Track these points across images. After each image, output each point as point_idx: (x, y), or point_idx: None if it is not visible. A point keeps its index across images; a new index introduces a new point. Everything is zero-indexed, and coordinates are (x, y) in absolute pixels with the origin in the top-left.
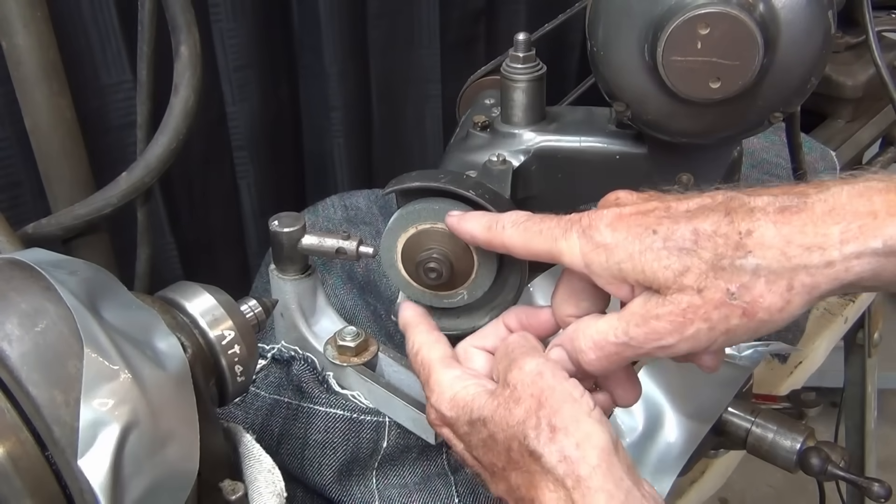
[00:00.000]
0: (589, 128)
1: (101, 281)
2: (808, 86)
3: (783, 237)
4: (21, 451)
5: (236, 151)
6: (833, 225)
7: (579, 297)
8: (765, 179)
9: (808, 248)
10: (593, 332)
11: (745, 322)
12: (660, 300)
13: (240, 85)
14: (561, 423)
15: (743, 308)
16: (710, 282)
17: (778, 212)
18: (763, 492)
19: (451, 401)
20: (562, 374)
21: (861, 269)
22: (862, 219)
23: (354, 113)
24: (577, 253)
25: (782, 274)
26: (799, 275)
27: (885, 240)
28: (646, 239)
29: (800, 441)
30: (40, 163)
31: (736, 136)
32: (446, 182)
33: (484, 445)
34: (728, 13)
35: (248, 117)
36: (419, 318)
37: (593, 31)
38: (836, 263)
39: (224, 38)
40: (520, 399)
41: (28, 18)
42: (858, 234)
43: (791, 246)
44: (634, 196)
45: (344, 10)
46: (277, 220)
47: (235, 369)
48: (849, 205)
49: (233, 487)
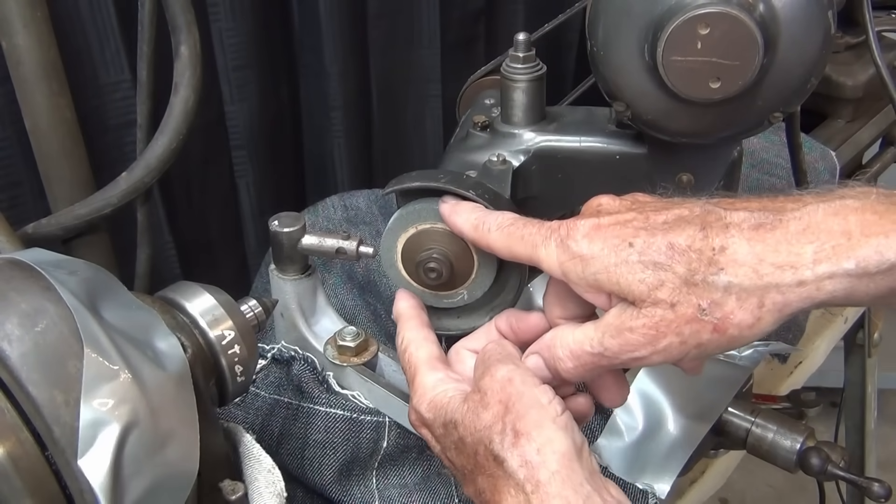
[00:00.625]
0: (589, 128)
1: (101, 281)
2: (808, 86)
3: (756, 255)
4: (21, 451)
5: (235, 151)
6: (807, 244)
7: (566, 301)
8: (765, 179)
9: (780, 267)
10: (570, 342)
11: (716, 337)
12: (634, 312)
13: (238, 85)
14: (524, 428)
15: (714, 324)
16: (682, 297)
17: (753, 228)
18: (763, 492)
19: (429, 402)
20: (532, 380)
21: (833, 288)
22: (836, 238)
23: (354, 113)
24: (554, 262)
25: (753, 291)
26: (770, 293)
27: (858, 261)
28: (622, 252)
29: (800, 441)
30: (40, 163)
31: (736, 136)
32: (446, 182)
33: (455, 448)
34: (728, 13)
35: (247, 117)
36: (413, 311)
37: (593, 31)
38: (808, 283)
39: (223, 37)
40: (488, 404)
41: (28, 18)
42: (832, 255)
43: (763, 264)
44: (616, 203)
45: (344, 10)
46: (277, 220)
47: (235, 369)
48: (823, 223)
49: (233, 487)
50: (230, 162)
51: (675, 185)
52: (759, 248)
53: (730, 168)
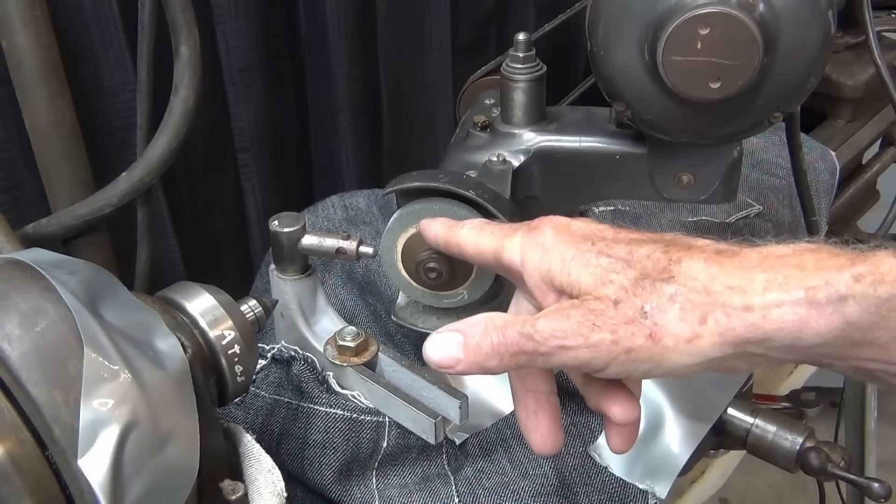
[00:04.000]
0: (589, 128)
1: (101, 281)
2: (809, 86)
3: (709, 274)
4: (21, 451)
5: (240, 153)
6: (760, 272)
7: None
8: (764, 179)
9: (730, 288)
10: (500, 319)
11: (649, 345)
12: (576, 302)
13: (243, 86)
14: None
15: (651, 329)
16: (627, 297)
17: (714, 252)
18: (763, 492)
19: None
20: None
21: (780, 318)
22: (789, 270)
23: (363, 115)
24: (516, 248)
25: (699, 305)
26: (715, 311)
27: (806, 289)
28: (581, 246)
29: (800, 441)
30: (40, 163)
31: (736, 137)
32: (446, 182)
33: None
34: (728, 13)
35: (252, 119)
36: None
37: (593, 31)
38: (755, 309)
39: (228, 39)
40: None
41: (28, 18)
42: (782, 283)
43: (714, 283)
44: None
45: (351, 12)
46: (277, 220)
47: (235, 369)
48: (779, 259)
49: (233, 487)
50: (235, 164)
51: (675, 185)
52: (714, 269)
53: (730, 168)
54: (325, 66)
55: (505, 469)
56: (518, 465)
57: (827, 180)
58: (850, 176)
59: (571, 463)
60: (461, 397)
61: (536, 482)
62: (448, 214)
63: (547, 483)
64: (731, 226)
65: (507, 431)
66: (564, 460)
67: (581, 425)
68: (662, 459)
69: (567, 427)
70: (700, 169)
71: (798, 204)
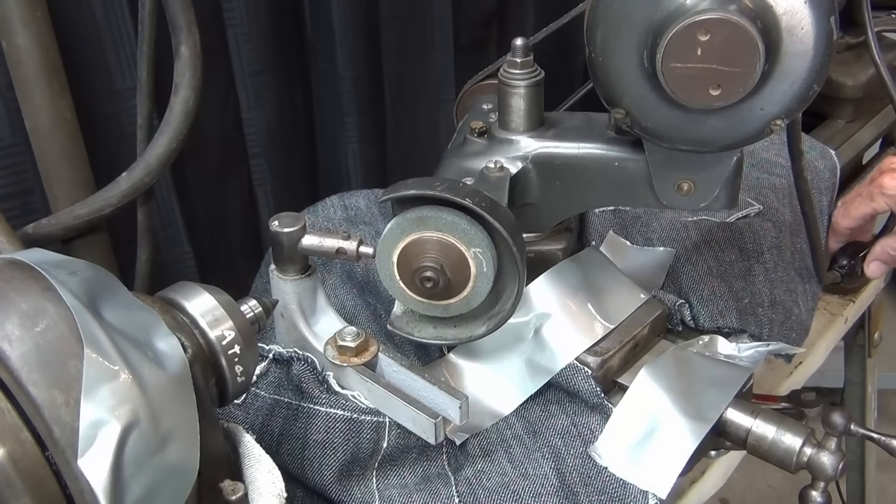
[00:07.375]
0: (587, 134)
1: (101, 281)
2: (811, 93)
3: None
4: (21, 451)
5: (253, 159)
6: None
7: None
8: (765, 179)
9: None
10: None
11: None
12: None
13: (256, 91)
14: None
15: None
16: None
17: None
18: (763, 492)
19: None
20: None
21: None
22: None
23: (368, 118)
24: None
25: None
26: None
27: None
28: None
29: (800, 441)
30: (40, 163)
31: (736, 144)
32: (443, 190)
33: None
34: (728, 19)
35: (265, 123)
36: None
37: (591, 37)
38: None
39: (239, 42)
40: None
41: (28, 18)
42: None
43: None
44: None
45: (356, 14)
46: (277, 220)
47: (235, 369)
48: None
49: (233, 487)
50: (248, 170)
51: (675, 192)
52: None
53: (731, 175)
54: (332, 68)
55: (505, 469)
56: (518, 465)
57: (828, 178)
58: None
59: (571, 463)
60: (461, 397)
61: (537, 482)
62: (444, 223)
63: (547, 483)
64: (732, 225)
65: (507, 432)
66: (564, 460)
67: (581, 425)
68: (662, 459)
69: (567, 427)
70: (700, 176)
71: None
